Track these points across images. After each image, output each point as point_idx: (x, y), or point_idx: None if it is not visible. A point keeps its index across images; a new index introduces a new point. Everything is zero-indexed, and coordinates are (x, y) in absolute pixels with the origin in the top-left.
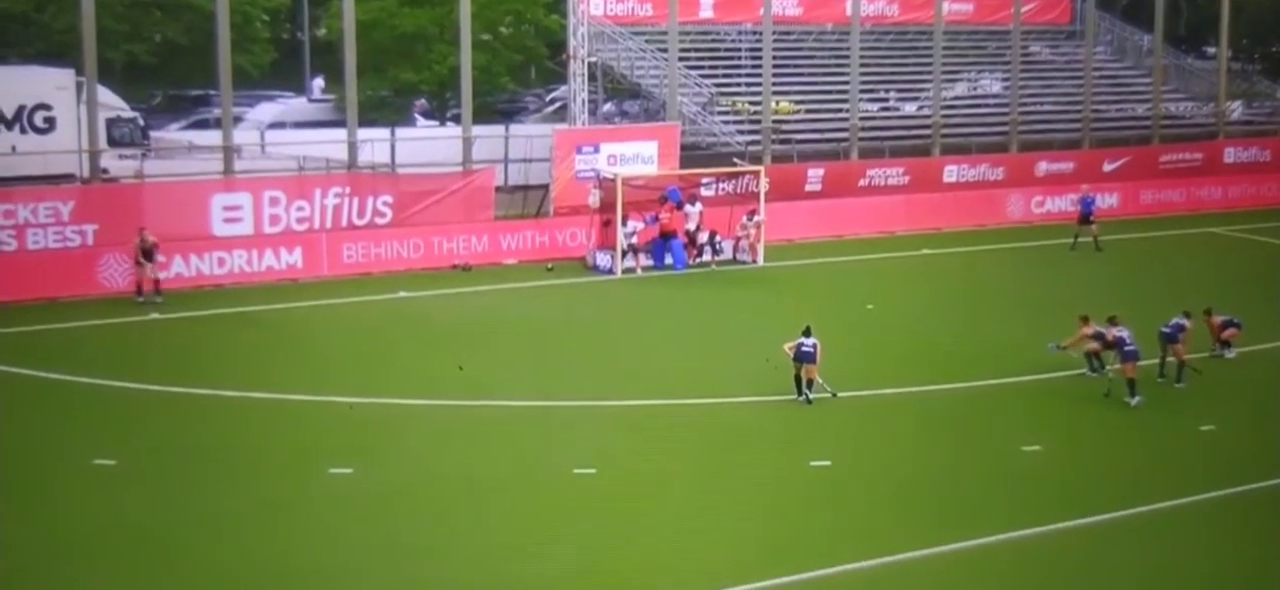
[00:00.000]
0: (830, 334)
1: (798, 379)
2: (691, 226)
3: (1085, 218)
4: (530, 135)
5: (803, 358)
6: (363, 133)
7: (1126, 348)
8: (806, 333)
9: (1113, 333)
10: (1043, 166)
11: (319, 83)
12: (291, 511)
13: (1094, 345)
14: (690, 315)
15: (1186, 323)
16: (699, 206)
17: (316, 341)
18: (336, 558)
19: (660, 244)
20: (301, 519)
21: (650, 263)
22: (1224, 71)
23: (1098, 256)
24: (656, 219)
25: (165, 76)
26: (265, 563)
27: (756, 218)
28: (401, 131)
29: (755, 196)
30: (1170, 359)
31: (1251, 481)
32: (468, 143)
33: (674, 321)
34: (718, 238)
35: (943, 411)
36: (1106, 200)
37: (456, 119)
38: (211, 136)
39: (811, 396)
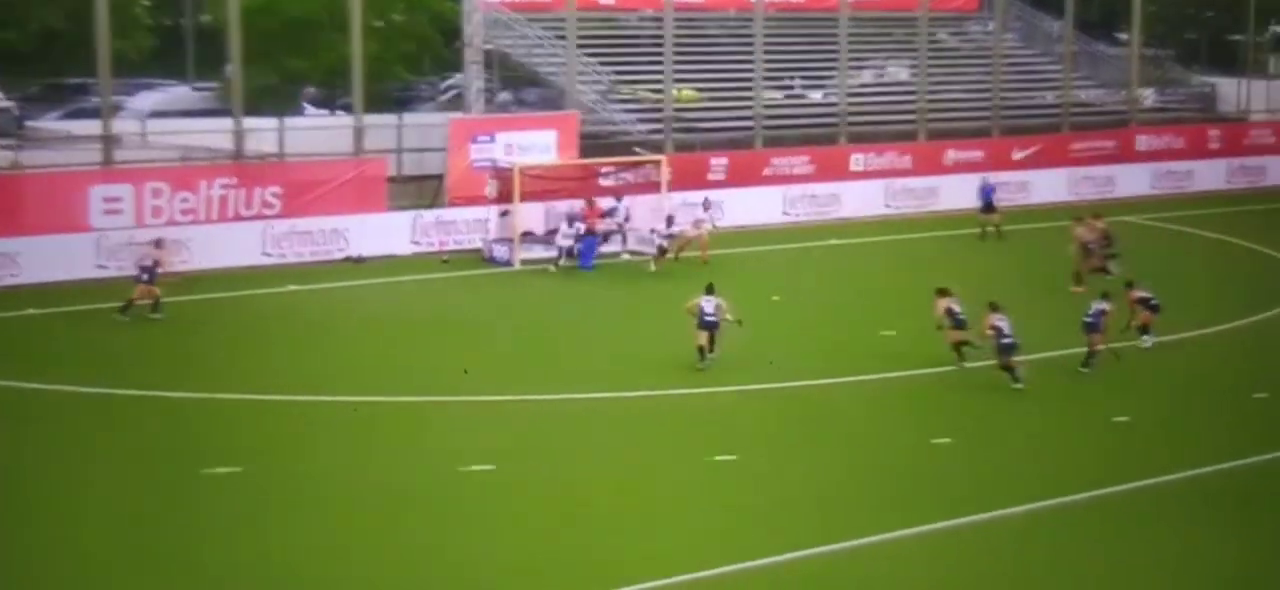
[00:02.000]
0: (735, 328)
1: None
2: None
3: (987, 206)
4: (425, 124)
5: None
6: (249, 122)
7: (1003, 340)
8: (709, 289)
9: (991, 319)
10: (951, 155)
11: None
12: (173, 512)
13: (955, 334)
14: (590, 308)
15: (1107, 306)
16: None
17: (202, 338)
18: (229, 558)
19: (588, 242)
20: (186, 519)
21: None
22: (1136, 57)
23: (1002, 246)
24: (582, 220)
25: (43, 65)
26: (136, 563)
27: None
28: (290, 121)
29: (657, 185)
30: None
31: (1160, 474)
32: (359, 132)
33: (574, 315)
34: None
35: (849, 404)
36: (1011, 189)
37: (347, 108)
38: (91, 126)
39: (704, 363)
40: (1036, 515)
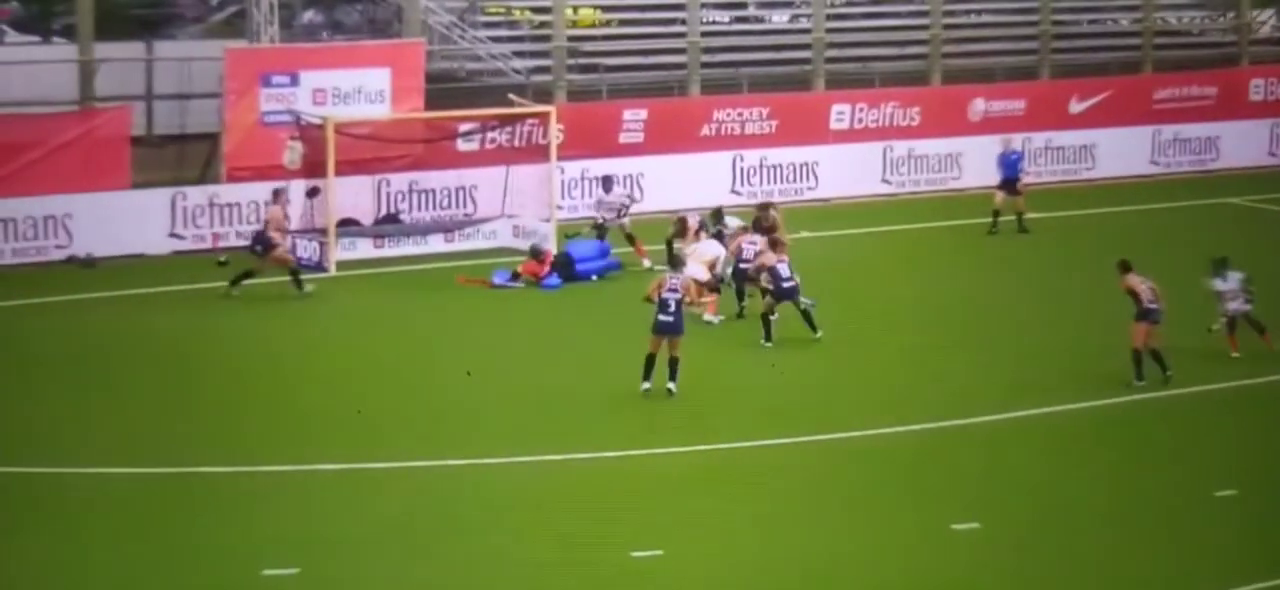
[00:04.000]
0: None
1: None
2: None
3: (1011, 183)
4: (188, 58)
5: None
6: None
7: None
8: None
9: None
10: (979, 106)
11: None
12: None
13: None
14: (426, 334)
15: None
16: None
17: None
18: None
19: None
20: None
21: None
22: None
23: (1022, 241)
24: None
25: None
26: None
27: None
28: None
29: (544, 149)
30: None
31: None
32: (87, 69)
33: (406, 343)
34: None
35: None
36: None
37: (68, 33)
38: None
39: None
40: None
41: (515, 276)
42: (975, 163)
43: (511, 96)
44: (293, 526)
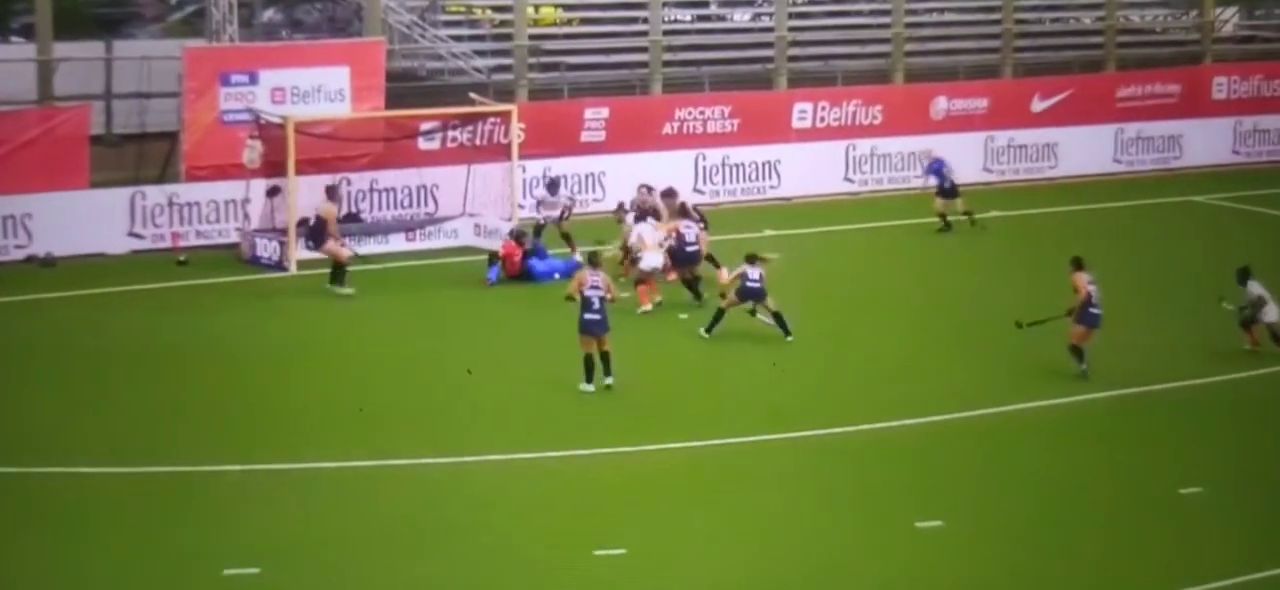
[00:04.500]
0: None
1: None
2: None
3: (945, 190)
4: (148, 57)
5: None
6: None
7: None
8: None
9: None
10: (942, 104)
11: None
12: None
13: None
14: (391, 334)
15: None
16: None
17: None
18: None
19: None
20: None
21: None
22: None
23: (979, 239)
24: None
25: None
26: None
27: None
28: None
29: (506, 148)
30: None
31: None
32: (45, 68)
33: (372, 343)
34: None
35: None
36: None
37: (26, 32)
38: None
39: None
40: None
41: (495, 260)
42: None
43: (473, 95)
44: (252, 524)
